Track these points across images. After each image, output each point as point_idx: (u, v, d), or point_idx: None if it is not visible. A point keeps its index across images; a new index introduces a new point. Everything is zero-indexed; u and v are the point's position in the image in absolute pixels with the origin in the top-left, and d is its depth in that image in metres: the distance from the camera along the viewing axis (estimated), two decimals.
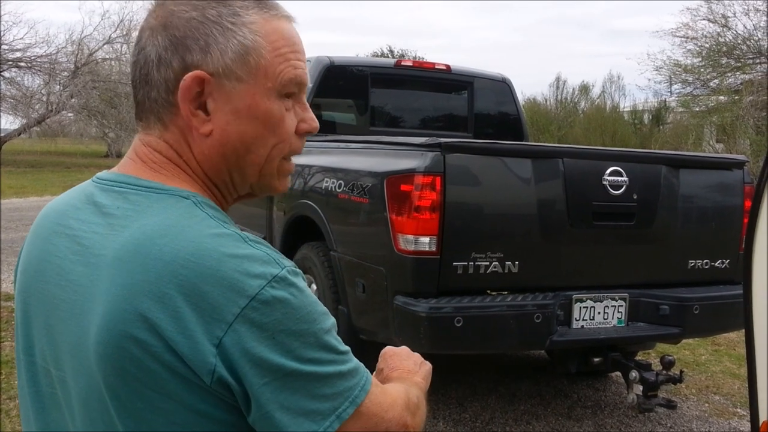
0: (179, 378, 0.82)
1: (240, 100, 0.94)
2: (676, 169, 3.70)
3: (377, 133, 5.01)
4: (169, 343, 0.81)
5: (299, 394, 0.84)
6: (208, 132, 0.94)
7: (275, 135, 0.97)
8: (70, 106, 26.16)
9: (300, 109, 1.00)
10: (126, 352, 0.83)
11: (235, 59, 0.93)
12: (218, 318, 0.81)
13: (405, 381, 1.08)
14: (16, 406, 3.91)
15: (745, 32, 18.42)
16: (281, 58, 0.95)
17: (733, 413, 4.33)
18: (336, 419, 0.85)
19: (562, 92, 26.76)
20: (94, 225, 0.92)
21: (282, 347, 0.83)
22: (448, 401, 4.23)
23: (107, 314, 0.84)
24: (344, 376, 0.88)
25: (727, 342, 5.73)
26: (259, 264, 0.85)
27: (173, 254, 0.83)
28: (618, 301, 3.54)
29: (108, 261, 0.87)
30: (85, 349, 0.87)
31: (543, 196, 3.41)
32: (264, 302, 0.82)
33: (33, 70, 25.25)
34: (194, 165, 0.96)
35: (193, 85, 0.92)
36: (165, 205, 0.90)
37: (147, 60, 0.94)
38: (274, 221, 4.74)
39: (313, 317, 0.86)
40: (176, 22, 0.93)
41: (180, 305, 0.81)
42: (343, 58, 5.24)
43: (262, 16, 0.95)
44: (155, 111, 0.95)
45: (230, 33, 0.93)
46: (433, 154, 3.22)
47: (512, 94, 5.72)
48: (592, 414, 4.18)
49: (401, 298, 3.25)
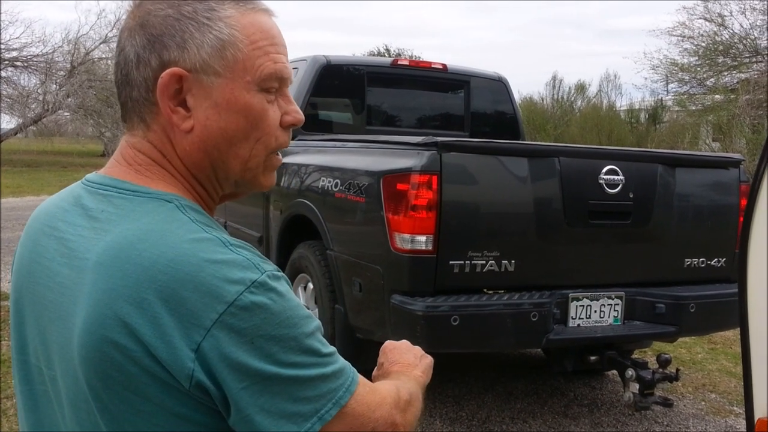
0: (159, 382, 0.83)
1: (219, 94, 0.94)
2: (672, 168, 3.71)
3: (374, 132, 5.01)
4: (149, 347, 0.82)
5: (279, 398, 0.84)
6: (189, 128, 0.94)
7: (258, 129, 0.97)
8: (66, 106, 26.09)
9: (284, 102, 1.00)
10: (106, 356, 0.84)
11: (211, 54, 0.93)
12: (196, 323, 0.82)
13: (404, 375, 1.09)
14: (13, 405, 3.91)
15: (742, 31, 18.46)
16: (259, 51, 0.95)
17: (730, 411, 4.34)
18: (318, 420, 0.86)
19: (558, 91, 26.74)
20: (80, 228, 0.93)
21: (261, 352, 0.83)
22: (444, 399, 4.23)
23: (88, 318, 0.85)
24: (327, 378, 0.88)
25: (723, 340, 5.74)
26: (238, 269, 0.85)
27: (152, 259, 0.84)
28: (614, 299, 3.55)
29: (90, 265, 0.88)
30: (70, 351, 0.88)
31: (539, 195, 3.42)
32: (242, 308, 0.83)
33: (29, 70, 25.18)
34: (178, 163, 0.96)
35: (170, 81, 0.92)
36: (148, 209, 0.90)
37: (127, 60, 0.95)
38: (270, 220, 4.73)
39: (294, 321, 0.86)
40: (153, 20, 0.93)
41: (159, 310, 0.82)
42: (340, 58, 5.24)
43: (238, 10, 0.95)
44: (137, 111, 0.96)
45: (206, 28, 0.93)
46: (430, 153, 3.22)
47: (508, 93, 5.73)
48: (589, 412, 4.19)
49: (398, 296, 3.25)
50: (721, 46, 18.65)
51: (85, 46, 26.60)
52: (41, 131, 28.85)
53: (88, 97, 25.65)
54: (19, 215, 11.71)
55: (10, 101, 25.26)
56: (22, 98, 25.21)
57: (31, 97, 25.76)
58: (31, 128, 28.06)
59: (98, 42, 26.83)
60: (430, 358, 1.19)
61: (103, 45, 26.98)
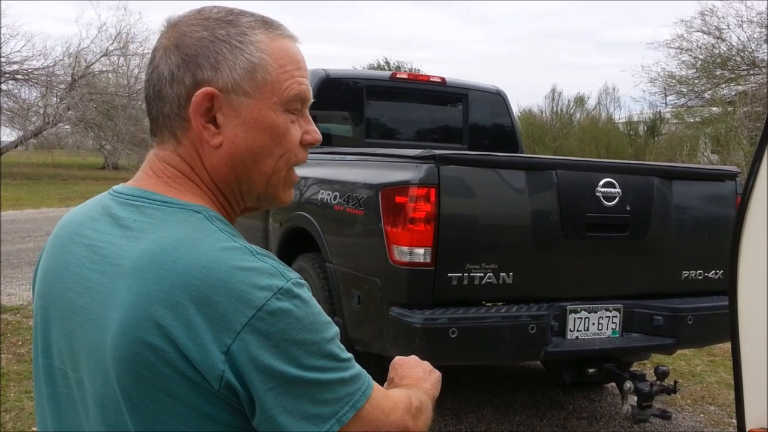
0: (189, 382, 0.88)
1: (248, 113, 1.00)
2: (669, 181, 3.73)
3: (372, 144, 5.03)
4: (181, 349, 0.87)
5: (302, 399, 0.89)
6: (218, 144, 1.00)
7: (281, 146, 1.03)
8: (66, 119, 26.18)
9: (304, 122, 1.06)
10: (140, 356, 0.88)
11: (243, 75, 0.99)
12: (227, 327, 0.87)
13: (414, 387, 1.13)
14: (11, 419, 3.91)
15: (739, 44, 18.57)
16: (286, 75, 1.02)
17: (729, 424, 4.33)
18: (336, 422, 0.90)
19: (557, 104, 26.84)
20: (111, 236, 0.98)
21: (286, 355, 0.88)
22: (443, 413, 4.23)
23: (124, 320, 0.90)
24: (346, 382, 0.93)
25: (722, 352, 5.74)
26: (266, 276, 0.90)
27: (186, 265, 0.89)
28: (612, 311, 3.55)
29: (125, 270, 0.93)
30: (102, 352, 0.92)
31: (537, 208, 3.43)
32: (270, 313, 0.88)
33: (30, 83, 25.29)
34: (205, 177, 1.02)
35: (204, 100, 0.98)
36: (178, 218, 0.96)
37: (160, 77, 1.00)
38: (270, 233, 4.75)
39: (316, 327, 0.91)
40: (188, 41, 0.99)
41: (191, 314, 0.87)
42: (339, 71, 5.28)
43: (268, 35, 1.02)
44: (168, 126, 1.01)
45: (238, 51, 0.99)
46: (428, 166, 3.24)
47: (507, 106, 5.76)
48: (588, 425, 4.19)
49: (396, 309, 3.26)
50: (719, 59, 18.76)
51: (86, 60, 26.75)
52: (41, 144, 28.95)
53: (88, 110, 25.74)
54: (18, 228, 11.70)
55: (10, 114, 25.35)
56: (22, 111, 25.30)
57: (32, 110, 25.85)
58: (31, 141, 28.12)
59: (99, 55, 26.99)
60: (438, 372, 1.24)
61: (103, 58, 27.14)
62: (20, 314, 6.26)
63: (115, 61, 28.14)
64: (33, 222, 12.88)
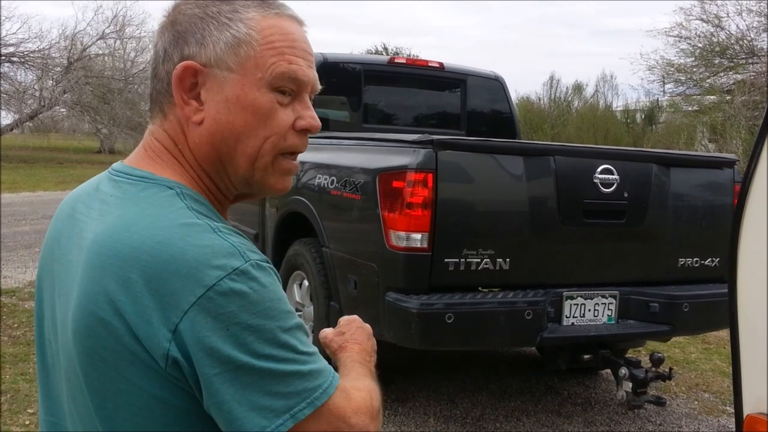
0: (138, 361, 0.86)
1: (230, 90, 0.97)
2: (667, 168, 3.72)
3: (370, 129, 5.01)
4: (130, 325, 0.85)
5: (251, 389, 0.84)
6: (199, 120, 0.98)
7: (266, 127, 0.98)
8: (62, 102, 26.03)
9: (300, 107, 1.01)
10: (94, 331, 0.88)
11: (225, 50, 0.97)
12: (174, 305, 0.84)
13: (365, 367, 1.08)
14: (7, 400, 3.91)
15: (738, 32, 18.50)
16: (273, 51, 0.98)
17: (723, 411, 4.35)
18: (290, 418, 0.85)
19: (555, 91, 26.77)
20: (92, 210, 0.98)
21: (235, 340, 0.83)
22: (438, 398, 4.24)
23: (81, 294, 0.90)
24: (304, 376, 0.87)
25: (717, 340, 5.77)
26: (222, 255, 0.86)
27: (141, 241, 0.87)
28: (608, 298, 3.56)
29: (88, 244, 0.93)
30: (66, 327, 0.93)
31: (534, 194, 3.43)
32: (220, 293, 0.84)
33: (26, 65, 25.13)
34: (188, 154, 1.00)
35: (185, 74, 0.97)
36: (148, 194, 0.94)
37: (157, 55, 1.01)
38: (266, 218, 4.74)
39: (273, 314, 0.86)
40: (181, 19, 0.99)
41: (141, 290, 0.85)
42: (337, 55, 5.24)
43: (261, 13, 0.99)
44: (159, 102, 1.01)
45: (225, 27, 0.97)
46: (426, 151, 3.23)
47: (505, 92, 5.74)
48: (582, 411, 4.21)
49: (393, 294, 3.26)
50: (718, 47, 18.70)
51: (82, 42, 26.59)
52: (37, 127, 28.75)
53: (84, 93, 25.60)
54: (14, 211, 11.67)
55: (6, 97, 25.19)
56: (18, 94, 25.14)
57: (28, 93, 25.70)
58: (27, 124, 27.98)
59: (95, 38, 26.84)
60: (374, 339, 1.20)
61: (100, 41, 26.98)
62: (16, 297, 6.25)
63: (111, 44, 28.00)
64: (29, 205, 12.84)
